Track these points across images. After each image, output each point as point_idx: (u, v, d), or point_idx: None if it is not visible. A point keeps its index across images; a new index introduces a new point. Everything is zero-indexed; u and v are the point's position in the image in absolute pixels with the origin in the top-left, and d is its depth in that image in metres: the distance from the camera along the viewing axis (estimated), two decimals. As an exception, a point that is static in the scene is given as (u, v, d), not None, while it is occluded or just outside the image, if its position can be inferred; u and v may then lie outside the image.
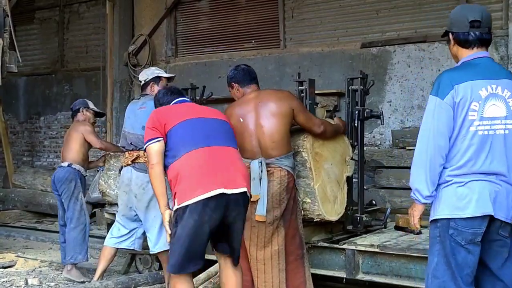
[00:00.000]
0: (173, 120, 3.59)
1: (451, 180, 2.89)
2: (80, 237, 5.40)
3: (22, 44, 10.32)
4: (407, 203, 6.39)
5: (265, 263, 3.93)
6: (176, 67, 9.31)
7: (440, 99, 2.87)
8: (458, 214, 2.86)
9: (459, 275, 2.87)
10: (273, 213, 3.91)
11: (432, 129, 2.88)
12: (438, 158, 2.87)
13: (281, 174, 3.94)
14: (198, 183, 3.35)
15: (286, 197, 3.96)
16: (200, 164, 3.43)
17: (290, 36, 8.31)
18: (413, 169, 2.96)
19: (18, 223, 8.84)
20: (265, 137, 3.94)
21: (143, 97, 5.11)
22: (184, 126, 3.57)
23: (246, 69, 4.23)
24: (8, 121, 11.24)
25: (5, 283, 5.15)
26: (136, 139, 4.85)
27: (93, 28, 10.59)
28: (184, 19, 9.42)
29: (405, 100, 7.29)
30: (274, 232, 3.93)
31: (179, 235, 3.34)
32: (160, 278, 5.01)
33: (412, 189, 2.97)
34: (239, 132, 3.94)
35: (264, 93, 4.13)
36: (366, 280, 4.45)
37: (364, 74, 4.99)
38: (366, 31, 7.65)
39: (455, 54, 3.07)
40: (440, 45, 7.04)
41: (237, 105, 4.14)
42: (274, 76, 8.10)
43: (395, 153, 6.63)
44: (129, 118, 5.06)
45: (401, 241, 4.53)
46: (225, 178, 3.42)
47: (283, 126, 3.98)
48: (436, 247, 2.94)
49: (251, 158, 3.93)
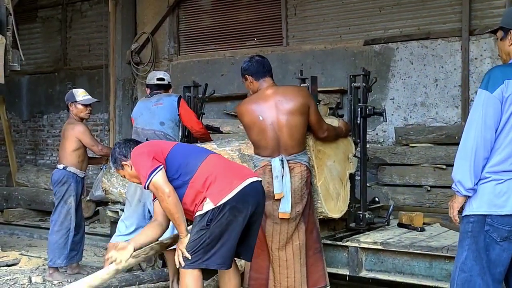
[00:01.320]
0: (165, 147, 3.60)
1: (490, 177, 2.88)
2: (61, 241, 5.30)
3: (25, 43, 10.32)
4: (410, 200, 6.41)
5: (287, 259, 3.93)
6: (179, 65, 9.32)
7: (490, 92, 2.85)
8: (496, 211, 2.85)
9: (491, 272, 2.89)
10: (295, 209, 3.91)
11: (479, 122, 2.85)
12: (483, 151, 2.86)
13: (301, 169, 3.95)
14: (232, 177, 3.44)
15: (306, 192, 3.98)
16: (222, 165, 3.54)
17: (293, 34, 8.31)
18: (457, 160, 2.93)
19: (22, 221, 8.85)
20: (285, 136, 3.92)
21: (156, 95, 5.20)
22: (178, 148, 3.62)
23: (260, 60, 4.09)
24: (11, 120, 11.26)
25: (9, 281, 5.16)
26: (153, 135, 4.96)
27: (95, 26, 10.60)
28: (187, 17, 9.42)
29: (408, 97, 7.28)
30: (296, 228, 3.94)
31: (217, 234, 3.36)
32: (164, 275, 5.01)
33: (454, 181, 2.94)
34: (258, 129, 3.94)
35: (283, 89, 4.04)
36: (369, 277, 4.45)
37: (366, 71, 4.96)
38: (369, 28, 7.63)
39: (508, 52, 2.99)
40: (443, 42, 7.03)
41: (254, 101, 4.03)
42: (277, 74, 8.01)
43: (398, 150, 6.63)
44: (142, 115, 5.14)
45: (404, 238, 4.53)
46: (246, 171, 3.61)
47: (303, 125, 3.96)
48: (466, 242, 2.94)
49: (271, 156, 3.93)
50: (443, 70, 7.05)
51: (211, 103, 8.34)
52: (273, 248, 3.95)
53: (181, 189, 3.44)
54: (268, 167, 3.91)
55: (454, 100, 6.97)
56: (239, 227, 3.42)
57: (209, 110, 8.49)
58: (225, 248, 3.39)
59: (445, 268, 4.07)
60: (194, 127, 5.21)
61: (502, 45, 3.03)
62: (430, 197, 6.30)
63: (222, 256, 3.40)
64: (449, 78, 7.00)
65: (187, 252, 3.37)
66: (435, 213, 5.82)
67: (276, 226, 3.91)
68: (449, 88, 6.99)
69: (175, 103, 5.11)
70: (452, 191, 3.00)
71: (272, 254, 3.96)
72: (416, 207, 6.15)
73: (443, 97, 7.04)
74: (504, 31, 3.00)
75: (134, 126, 5.23)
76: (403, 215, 5.08)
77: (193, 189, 3.44)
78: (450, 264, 3.96)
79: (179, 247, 3.42)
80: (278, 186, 3.82)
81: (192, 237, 3.39)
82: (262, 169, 3.94)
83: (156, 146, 3.60)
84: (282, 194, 3.83)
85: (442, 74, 7.06)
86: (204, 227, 3.36)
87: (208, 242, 3.36)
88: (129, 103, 9.64)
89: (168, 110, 5.09)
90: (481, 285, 2.90)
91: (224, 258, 3.42)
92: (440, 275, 4.11)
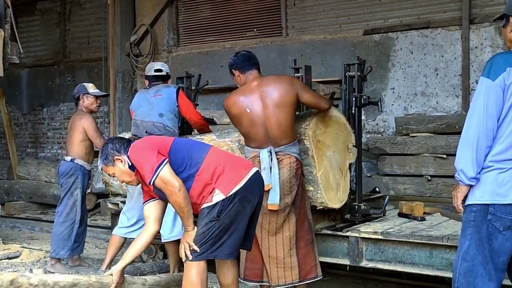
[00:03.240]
0: (166, 141, 3.57)
1: (492, 166, 2.86)
2: (66, 232, 5.32)
3: (24, 36, 10.31)
4: (410, 190, 6.40)
5: (277, 249, 3.96)
6: (178, 56, 9.29)
7: (491, 80, 2.82)
8: (499, 200, 2.84)
9: (493, 261, 2.88)
10: (284, 200, 3.93)
11: (481, 110, 2.83)
12: (486, 139, 2.84)
13: (290, 161, 3.96)
14: (239, 167, 3.47)
15: (296, 184, 3.99)
16: (225, 156, 3.58)
17: (292, 24, 8.27)
18: (459, 149, 2.91)
19: (23, 214, 8.86)
20: (273, 127, 3.93)
21: (155, 86, 5.16)
22: (178, 142, 3.59)
23: (246, 54, 4.19)
24: (11, 113, 11.25)
25: (10, 274, 5.17)
26: (152, 127, 4.93)
27: (94, 18, 10.57)
28: (186, 8, 9.38)
29: (408, 87, 7.26)
30: (285, 218, 3.96)
31: (227, 224, 3.36)
32: (165, 267, 5.02)
33: (457, 170, 2.92)
34: (246, 122, 3.98)
35: (267, 80, 4.06)
36: (369, 267, 4.46)
37: (361, 60, 4.92)
38: (369, 18, 7.60)
39: (510, 38, 2.97)
40: (443, 31, 7.00)
41: (240, 93, 4.08)
42: (277, 65, 8.06)
43: (398, 140, 6.61)
44: (141, 106, 5.10)
45: (404, 228, 4.53)
46: (248, 162, 3.75)
47: (290, 115, 3.97)
48: (469, 231, 2.93)
49: (259, 147, 3.96)
50: (443, 60, 7.02)
51: (211, 95, 8.33)
52: (263, 237, 3.98)
53: (187, 182, 3.40)
54: (257, 158, 3.95)
55: (454, 89, 6.94)
56: (247, 216, 3.44)
57: (209, 101, 8.49)
58: (233, 238, 3.40)
59: (445, 257, 4.07)
60: (193, 118, 5.18)
61: (505, 32, 3.01)
62: (430, 186, 6.29)
63: (230, 246, 3.41)
64: (449, 68, 6.97)
65: (195, 244, 3.35)
66: (435, 202, 5.81)
67: (265, 216, 3.93)
68: (450, 77, 6.96)
69: (174, 95, 5.06)
70: (454, 181, 2.99)
71: (262, 244, 3.99)
72: (417, 196, 6.15)
73: (444, 86, 7.02)
74: (506, 18, 2.98)
75: (133, 118, 5.19)
76: (403, 205, 5.08)
77: (201, 182, 3.41)
78: (451, 253, 3.96)
79: (186, 240, 3.39)
80: (266, 177, 3.82)
81: (200, 229, 3.37)
82: (251, 160, 3.97)
83: (157, 141, 3.56)
84: (270, 186, 3.85)
85: (442, 63, 7.03)
86: (214, 218, 3.34)
87: (217, 233, 3.35)
88: (129, 95, 9.62)
89: (167, 102, 5.03)
90: (483, 274, 2.89)
91: (233, 248, 3.43)
92: (440, 264, 4.11)
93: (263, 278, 4.05)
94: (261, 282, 4.07)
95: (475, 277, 2.90)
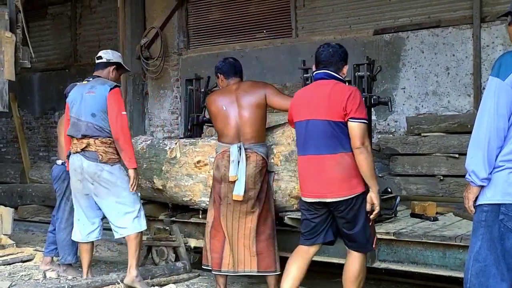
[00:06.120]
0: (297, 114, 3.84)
1: (503, 166, 2.82)
2: (69, 238, 5.16)
3: (36, 40, 10.39)
4: (422, 190, 6.37)
5: (239, 238, 4.28)
6: (189, 59, 9.32)
7: (501, 80, 2.79)
8: (510, 200, 2.81)
9: (506, 261, 2.85)
10: (248, 193, 4.23)
11: (492, 110, 2.80)
12: (497, 140, 2.81)
13: (257, 158, 4.29)
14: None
15: (260, 180, 4.31)
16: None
17: (302, 25, 8.27)
18: (470, 150, 2.88)
19: (36, 218, 8.91)
20: (245, 126, 4.29)
21: (93, 79, 4.72)
22: (298, 126, 3.81)
23: (232, 62, 4.58)
24: (23, 117, 11.34)
25: (24, 277, 5.20)
26: (86, 127, 4.53)
27: (105, 22, 10.62)
28: (195, 10, 9.41)
29: (419, 86, 7.23)
30: (248, 210, 4.27)
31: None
32: (177, 269, 5.03)
33: (468, 171, 2.89)
34: (222, 119, 4.36)
35: (244, 85, 4.46)
36: (382, 267, 4.44)
37: (370, 60, 4.92)
38: (379, 18, 7.58)
39: None
40: (454, 29, 6.96)
41: (220, 94, 4.50)
42: (287, 66, 8.06)
43: (410, 140, 6.58)
44: (76, 103, 4.63)
45: (417, 228, 4.50)
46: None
47: (261, 117, 4.35)
48: (480, 231, 2.90)
49: (231, 143, 4.29)
50: (455, 58, 6.98)
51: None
52: (227, 226, 4.30)
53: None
54: (226, 152, 4.28)
55: (466, 88, 6.90)
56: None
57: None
58: None
59: (459, 257, 4.05)
60: (115, 128, 4.49)
61: (511, 30, 2.99)
62: (443, 186, 6.26)
63: None
64: (460, 66, 6.93)
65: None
66: (448, 202, 5.78)
67: (229, 206, 4.28)
68: (461, 76, 6.92)
69: (106, 93, 4.51)
70: (466, 181, 2.96)
71: (227, 233, 4.30)
72: (429, 196, 6.11)
73: (455, 85, 6.98)
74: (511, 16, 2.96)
75: (70, 115, 4.68)
76: (416, 205, 5.05)
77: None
78: (464, 253, 3.93)
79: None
80: (233, 169, 4.19)
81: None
82: (221, 154, 4.32)
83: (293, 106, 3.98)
84: (236, 177, 4.19)
85: (453, 62, 6.99)
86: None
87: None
88: (140, 98, 9.67)
89: (98, 101, 4.53)
90: (496, 274, 2.86)
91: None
92: (454, 264, 4.09)
93: (222, 268, 4.32)
94: (219, 271, 4.34)
95: (488, 278, 2.87)
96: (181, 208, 5.45)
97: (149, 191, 5.47)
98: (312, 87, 3.87)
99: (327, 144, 3.61)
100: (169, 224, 5.56)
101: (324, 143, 3.62)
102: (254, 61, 8.49)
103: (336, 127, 3.59)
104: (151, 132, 9.73)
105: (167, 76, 9.63)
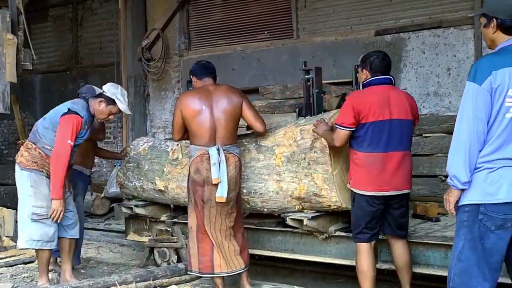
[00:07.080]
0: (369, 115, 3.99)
1: (482, 166, 2.86)
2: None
3: (37, 42, 10.40)
4: (424, 191, 6.36)
5: (223, 239, 4.35)
6: (190, 60, 9.31)
7: (478, 85, 2.82)
8: (489, 200, 2.84)
9: (487, 261, 2.87)
10: (229, 195, 4.31)
11: (470, 115, 2.84)
12: (477, 144, 2.85)
13: (234, 160, 4.37)
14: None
15: (239, 181, 4.46)
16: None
17: (303, 26, 8.27)
18: (451, 155, 2.92)
19: (38, 220, 8.89)
20: (222, 128, 4.33)
21: (77, 100, 5.08)
22: (378, 125, 3.97)
23: (204, 64, 4.65)
24: (25, 119, 11.34)
25: (26, 279, 5.21)
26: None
27: (106, 24, 10.64)
28: (197, 12, 9.41)
29: (420, 87, 7.23)
30: (229, 212, 4.38)
31: None
32: (178, 270, 5.03)
33: (450, 175, 2.93)
34: (199, 119, 4.32)
35: (221, 87, 4.50)
36: (384, 268, 4.45)
37: (370, 61, 4.90)
38: (380, 19, 7.58)
39: (492, 39, 2.97)
40: (455, 30, 6.96)
41: (196, 93, 4.46)
42: (288, 67, 8.06)
43: (411, 140, 6.57)
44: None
45: (419, 228, 4.51)
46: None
47: (236, 120, 4.44)
48: (462, 231, 2.93)
49: (207, 145, 4.30)
50: (456, 59, 6.98)
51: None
52: (211, 229, 4.34)
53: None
54: (205, 155, 4.28)
55: (467, 89, 6.89)
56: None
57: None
58: None
59: (460, 258, 4.03)
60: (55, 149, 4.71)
61: (486, 32, 2.99)
62: (444, 187, 6.25)
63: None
64: (462, 67, 6.93)
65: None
66: (450, 203, 5.76)
67: (212, 209, 4.32)
68: (462, 77, 6.92)
69: (59, 115, 4.94)
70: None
71: (212, 235, 4.34)
72: (431, 197, 6.10)
73: (456, 86, 6.97)
74: (487, 18, 2.95)
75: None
76: (417, 206, 5.05)
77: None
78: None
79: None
80: (215, 172, 4.22)
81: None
82: (200, 157, 4.30)
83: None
84: (219, 180, 4.23)
85: (454, 63, 6.99)
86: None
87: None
88: (141, 100, 9.68)
89: (55, 114, 5.04)
90: (478, 274, 2.89)
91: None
92: (456, 265, 4.07)
93: (214, 270, 4.36)
94: (213, 273, 4.38)
95: (470, 277, 2.90)
96: (183, 209, 5.45)
97: (151, 192, 5.49)
98: (385, 90, 4.07)
99: (408, 141, 4.10)
100: (171, 225, 5.58)
101: (406, 140, 4.06)
102: (255, 62, 8.50)
103: (412, 126, 4.12)
104: (152, 133, 9.74)
105: (168, 77, 9.64)
